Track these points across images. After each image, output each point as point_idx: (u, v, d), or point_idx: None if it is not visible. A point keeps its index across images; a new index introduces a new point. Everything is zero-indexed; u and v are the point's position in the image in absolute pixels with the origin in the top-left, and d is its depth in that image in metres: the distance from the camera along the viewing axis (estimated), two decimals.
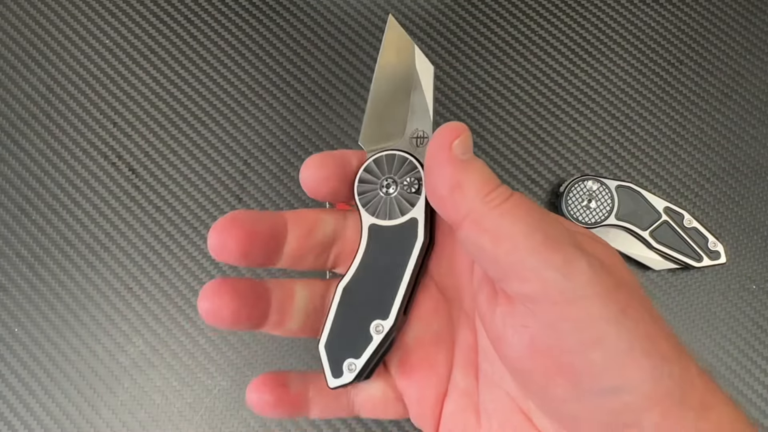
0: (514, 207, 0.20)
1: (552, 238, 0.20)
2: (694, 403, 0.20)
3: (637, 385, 0.19)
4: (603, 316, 0.19)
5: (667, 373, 0.19)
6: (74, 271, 0.43)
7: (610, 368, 0.19)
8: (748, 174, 0.45)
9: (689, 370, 0.20)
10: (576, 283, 0.19)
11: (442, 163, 0.21)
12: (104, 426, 0.41)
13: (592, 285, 0.19)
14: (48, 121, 0.46)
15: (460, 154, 0.21)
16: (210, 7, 0.48)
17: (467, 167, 0.21)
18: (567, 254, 0.20)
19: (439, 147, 0.21)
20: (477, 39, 0.47)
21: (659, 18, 0.48)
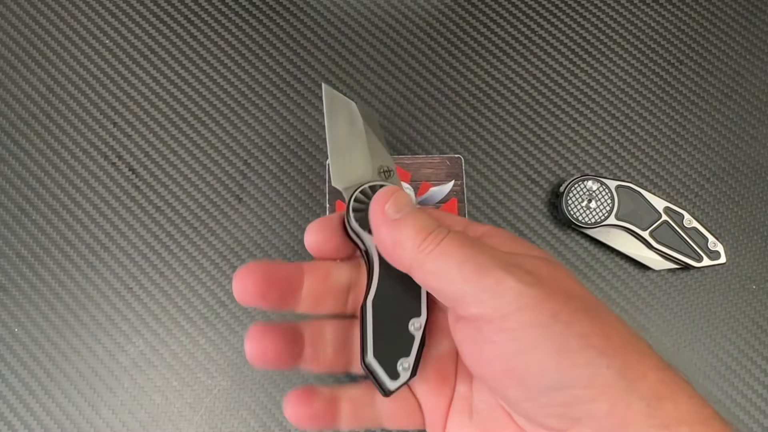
0: (445, 247, 0.24)
1: (481, 266, 0.23)
2: (645, 392, 0.21)
3: (575, 379, 0.22)
4: (534, 323, 0.22)
5: (605, 364, 0.21)
6: (74, 271, 0.43)
7: (547, 368, 0.22)
8: (748, 174, 0.45)
9: (635, 362, 0.22)
10: (506, 299, 0.22)
11: (379, 226, 0.25)
12: (104, 426, 0.41)
13: (522, 298, 0.22)
14: (48, 121, 0.46)
15: (393, 213, 0.25)
16: (210, 7, 0.48)
17: (400, 225, 0.25)
18: (497, 277, 0.23)
19: (375, 213, 0.26)
20: (477, 39, 0.47)
21: (659, 18, 0.48)
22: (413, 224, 0.25)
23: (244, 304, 0.27)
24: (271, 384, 0.41)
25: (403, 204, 0.25)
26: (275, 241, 0.44)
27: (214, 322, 0.42)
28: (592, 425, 0.22)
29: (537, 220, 0.44)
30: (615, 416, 0.21)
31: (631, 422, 0.21)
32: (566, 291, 0.24)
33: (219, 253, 0.43)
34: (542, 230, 0.44)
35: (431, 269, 0.24)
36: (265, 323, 0.27)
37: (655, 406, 0.21)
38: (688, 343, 0.42)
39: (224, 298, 0.43)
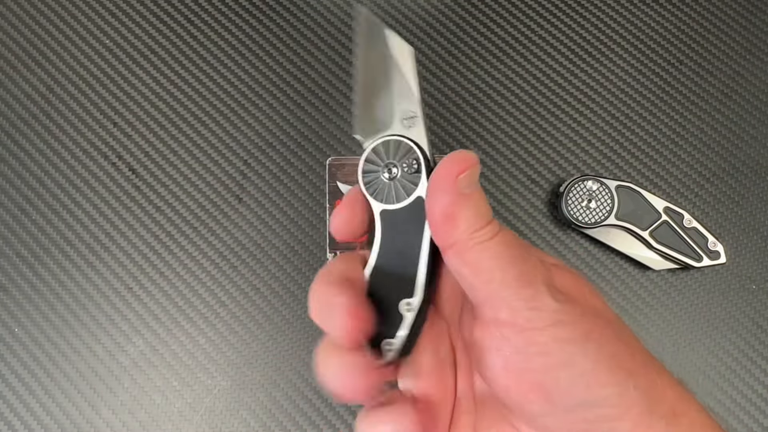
0: (497, 244, 0.22)
1: (525, 275, 0.22)
2: (665, 411, 0.22)
3: (603, 399, 0.21)
4: (567, 340, 0.22)
5: (632, 385, 0.21)
6: (74, 271, 0.43)
7: (576, 386, 0.22)
8: (748, 174, 0.45)
9: (657, 381, 0.22)
10: (542, 313, 0.22)
11: (442, 191, 0.23)
12: (104, 426, 0.41)
13: (557, 314, 0.22)
14: (48, 121, 0.46)
15: (464, 187, 0.23)
16: (210, 7, 0.48)
17: (465, 202, 0.23)
18: (536, 290, 0.22)
19: (444, 175, 0.23)
20: (477, 39, 0.47)
21: (659, 18, 0.48)
22: (477, 207, 0.23)
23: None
24: (271, 384, 0.41)
25: (475, 179, 0.23)
26: (275, 241, 0.44)
27: (214, 322, 0.42)
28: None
29: (537, 220, 0.44)
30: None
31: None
32: (594, 308, 0.23)
33: (219, 253, 0.43)
34: (542, 230, 0.44)
35: (472, 260, 0.22)
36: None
37: (674, 423, 0.22)
38: (688, 343, 0.42)
39: (224, 298, 0.43)
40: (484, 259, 0.22)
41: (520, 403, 0.23)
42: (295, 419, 0.41)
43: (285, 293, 0.43)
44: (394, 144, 0.26)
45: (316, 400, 0.41)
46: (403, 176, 0.25)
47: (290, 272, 0.43)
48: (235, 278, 0.43)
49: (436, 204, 0.23)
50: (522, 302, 0.22)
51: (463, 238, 0.22)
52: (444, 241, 0.23)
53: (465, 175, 0.23)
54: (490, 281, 0.22)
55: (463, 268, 0.23)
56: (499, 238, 0.23)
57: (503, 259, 0.22)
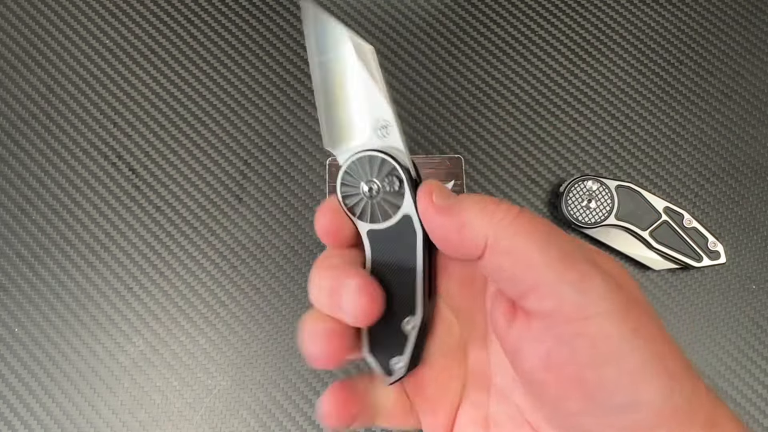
0: (525, 223, 0.21)
1: (567, 254, 0.21)
2: (702, 419, 0.20)
3: (648, 402, 0.20)
4: (617, 334, 0.20)
5: (678, 391, 0.20)
6: (74, 271, 0.43)
7: (622, 385, 0.20)
8: (748, 174, 0.45)
9: (698, 388, 0.21)
10: (591, 298, 0.20)
11: (435, 219, 0.22)
12: (104, 426, 0.41)
13: (606, 301, 0.20)
14: (48, 121, 0.46)
15: (444, 200, 0.22)
16: (210, 7, 0.48)
17: (459, 206, 0.22)
18: (582, 270, 0.20)
19: (424, 208, 0.22)
20: (477, 39, 0.47)
21: (659, 18, 0.48)
22: (474, 201, 0.22)
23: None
24: (271, 384, 0.41)
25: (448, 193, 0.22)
26: (275, 241, 0.44)
27: (214, 322, 0.42)
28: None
29: None
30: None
31: None
32: (640, 301, 0.22)
33: (219, 253, 0.43)
34: None
35: (507, 246, 0.21)
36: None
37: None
38: (688, 344, 0.42)
39: (224, 298, 0.43)
40: (518, 243, 0.21)
41: (557, 399, 0.22)
42: (295, 419, 0.41)
43: (285, 293, 0.43)
44: (372, 160, 0.24)
45: (316, 400, 0.41)
46: (386, 195, 0.24)
47: (290, 272, 0.43)
48: (235, 278, 0.43)
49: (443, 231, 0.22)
50: (569, 287, 0.20)
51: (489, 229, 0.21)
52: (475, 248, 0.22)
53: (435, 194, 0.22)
54: (531, 266, 0.20)
55: (501, 260, 0.21)
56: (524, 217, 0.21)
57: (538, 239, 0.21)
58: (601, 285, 0.20)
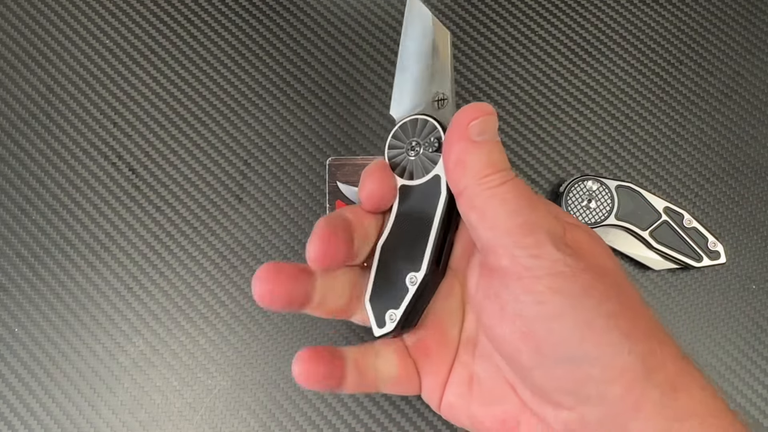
0: (505, 192, 0.22)
1: (529, 224, 0.22)
2: (662, 382, 0.21)
3: (595, 357, 0.21)
4: (565, 292, 0.21)
5: (627, 349, 0.21)
6: (74, 271, 0.43)
7: (568, 339, 0.21)
8: (748, 174, 0.45)
9: (657, 350, 0.22)
10: (542, 262, 0.22)
11: (454, 139, 0.23)
12: (104, 426, 0.41)
13: (557, 265, 0.22)
14: (48, 121, 0.46)
15: (475, 135, 0.23)
16: (210, 7, 0.48)
17: (475, 148, 0.23)
18: (538, 239, 0.22)
19: (457, 123, 0.23)
20: (477, 39, 0.47)
21: (659, 18, 0.48)
22: (487, 154, 0.23)
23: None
24: (271, 384, 0.41)
25: (488, 128, 0.23)
26: (275, 241, 0.44)
27: (214, 322, 0.42)
28: (601, 407, 0.21)
29: None
30: (627, 402, 0.21)
31: (642, 410, 0.21)
32: (602, 267, 0.23)
33: (219, 253, 0.43)
34: None
35: (480, 205, 0.23)
36: (277, 263, 0.25)
37: (670, 396, 0.21)
38: (688, 343, 0.42)
39: (224, 298, 0.43)
40: (491, 206, 0.22)
41: (511, 354, 0.24)
42: (295, 419, 0.41)
43: None
44: (420, 122, 0.26)
45: (316, 400, 0.41)
46: (425, 154, 0.26)
47: None
48: (235, 278, 0.43)
49: (449, 151, 0.24)
50: (523, 250, 0.22)
51: (472, 183, 0.23)
52: (455, 186, 0.24)
53: (476, 122, 0.23)
54: (493, 227, 0.22)
55: (470, 213, 0.23)
56: (509, 185, 0.23)
57: (510, 206, 0.22)
58: (554, 252, 0.22)
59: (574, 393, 0.22)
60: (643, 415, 0.21)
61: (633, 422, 0.21)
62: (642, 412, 0.21)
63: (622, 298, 0.22)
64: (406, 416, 0.41)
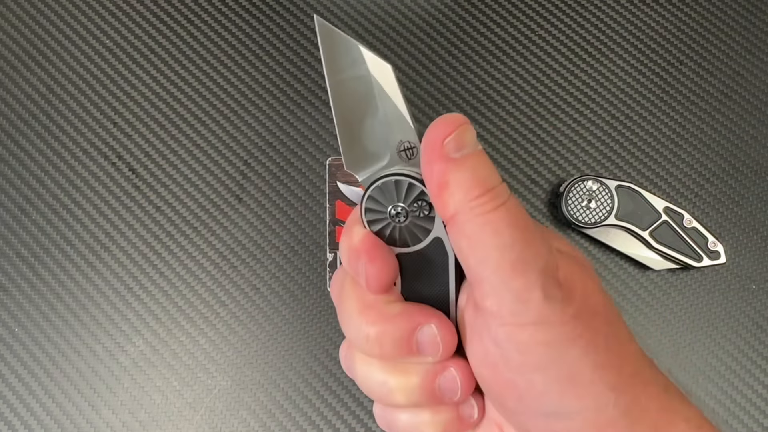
0: (499, 218, 0.20)
1: (522, 261, 0.20)
2: (645, 429, 0.20)
3: (577, 412, 0.20)
4: (549, 344, 0.20)
5: (612, 402, 0.20)
6: (74, 271, 0.43)
7: (549, 392, 0.20)
8: (748, 174, 0.45)
9: (641, 397, 0.20)
10: (528, 308, 0.20)
11: (431, 160, 0.21)
12: (104, 426, 0.41)
13: (543, 314, 0.20)
14: (48, 121, 0.46)
15: (452, 151, 0.20)
16: (210, 7, 0.48)
17: (456, 166, 0.20)
18: (529, 281, 0.20)
19: (430, 143, 0.21)
20: (477, 39, 0.47)
21: (659, 18, 0.48)
22: (473, 172, 0.20)
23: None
24: (271, 384, 0.41)
25: (466, 141, 0.21)
26: (275, 241, 0.44)
27: (214, 322, 0.42)
28: None
29: (537, 220, 0.44)
30: None
31: None
32: (592, 307, 0.21)
33: (219, 253, 0.43)
34: None
35: (471, 233, 0.20)
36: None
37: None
38: (688, 343, 0.42)
39: (224, 298, 0.43)
40: (484, 235, 0.20)
41: (497, 396, 0.22)
42: (295, 419, 0.41)
43: (285, 293, 0.43)
44: (399, 185, 0.23)
45: (315, 400, 0.41)
46: (414, 218, 0.23)
47: (290, 272, 0.43)
48: (235, 278, 0.43)
49: (430, 175, 0.21)
50: (510, 293, 0.20)
51: (462, 207, 0.20)
52: (444, 212, 0.21)
53: (451, 138, 0.20)
54: (484, 261, 0.20)
55: (461, 240, 0.20)
56: (502, 211, 0.20)
57: (503, 239, 0.20)
58: (541, 300, 0.20)
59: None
60: None
61: None
62: None
63: (610, 343, 0.21)
64: None
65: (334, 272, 0.28)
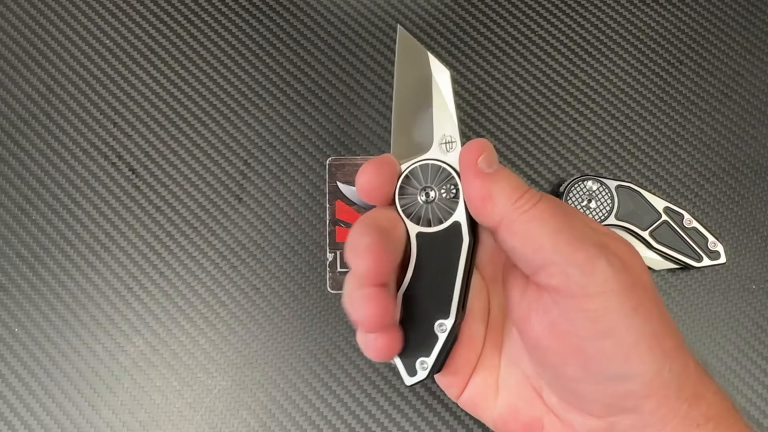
0: (541, 211, 0.23)
1: (576, 239, 0.22)
2: (688, 394, 0.22)
3: (639, 375, 0.22)
4: (616, 311, 0.22)
5: (668, 368, 0.22)
6: (74, 271, 0.43)
7: (616, 357, 0.22)
8: (748, 174, 0.45)
9: (687, 365, 0.23)
10: (595, 279, 0.22)
11: (471, 178, 0.24)
12: (104, 426, 0.41)
13: (609, 282, 0.22)
14: (48, 121, 0.46)
15: (486, 167, 0.24)
16: (210, 7, 0.48)
17: (494, 179, 0.24)
18: (589, 253, 0.22)
19: (467, 164, 0.24)
20: (477, 39, 0.47)
21: (659, 18, 0.48)
22: (508, 180, 0.24)
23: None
24: (271, 384, 0.41)
25: (494, 159, 0.24)
26: (275, 241, 0.44)
27: (214, 322, 0.42)
28: (632, 418, 0.22)
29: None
30: (657, 414, 0.22)
31: (670, 422, 0.22)
32: (644, 282, 0.23)
33: (219, 253, 0.43)
34: None
35: (521, 230, 0.23)
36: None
37: (694, 406, 0.22)
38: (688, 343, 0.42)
39: (224, 298, 0.43)
40: (531, 228, 0.23)
41: (556, 365, 0.24)
42: (295, 419, 0.41)
43: (285, 293, 0.43)
44: (433, 168, 0.26)
45: (315, 400, 0.41)
46: (441, 200, 0.26)
47: (290, 272, 0.43)
48: (235, 278, 0.43)
49: (471, 191, 0.24)
50: (575, 267, 0.22)
51: (507, 211, 0.23)
52: (491, 221, 0.24)
53: (483, 157, 0.24)
54: (540, 248, 0.22)
55: (513, 241, 0.23)
56: (542, 204, 0.23)
57: (551, 225, 0.23)
58: (606, 267, 0.22)
59: (614, 405, 0.23)
60: (670, 426, 0.22)
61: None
62: (669, 424, 0.22)
63: (663, 314, 0.23)
64: (406, 416, 0.41)
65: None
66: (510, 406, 0.27)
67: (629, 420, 0.23)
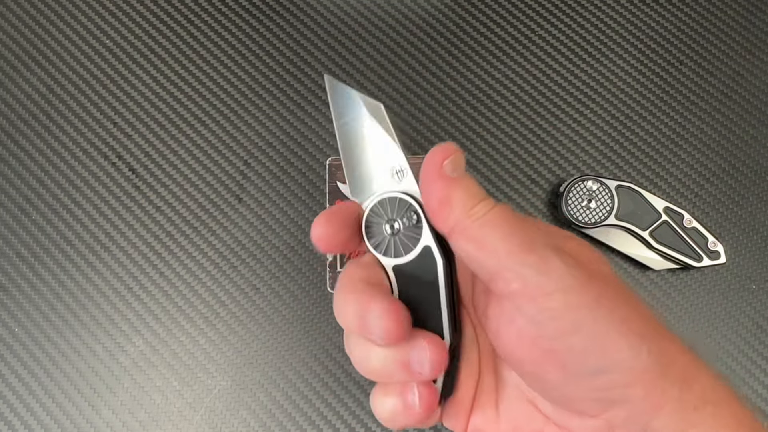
0: (494, 218, 0.23)
1: (528, 241, 0.22)
2: (676, 377, 0.22)
3: (618, 363, 0.22)
4: (578, 305, 0.22)
5: (645, 350, 0.22)
6: (74, 271, 0.43)
7: (590, 351, 0.22)
8: (748, 174, 0.45)
9: (668, 347, 0.23)
10: (551, 277, 0.22)
11: (433, 180, 0.24)
12: (104, 426, 0.41)
13: (565, 278, 0.22)
14: (48, 121, 0.46)
15: (450, 171, 0.24)
16: (210, 7, 0.48)
17: (455, 184, 0.24)
18: (541, 254, 0.22)
19: (431, 165, 0.24)
20: (477, 39, 0.47)
21: (659, 18, 0.48)
22: (467, 187, 0.24)
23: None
24: (271, 384, 0.41)
25: (460, 164, 0.24)
26: (275, 241, 0.44)
27: (214, 322, 0.42)
28: (626, 408, 0.22)
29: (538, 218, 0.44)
30: (648, 401, 0.22)
31: (663, 407, 0.22)
32: (604, 275, 0.23)
33: (219, 253, 0.43)
34: None
35: (475, 236, 0.23)
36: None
37: (686, 389, 0.22)
38: None
39: (224, 298, 0.43)
40: (485, 233, 0.23)
41: (536, 374, 0.24)
42: (295, 419, 0.41)
43: (285, 293, 0.43)
44: (390, 201, 0.26)
45: (316, 400, 0.41)
46: (406, 229, 0.26)
47: (290, 272, 0.43)
48: (235, 278, 0.43)
49: (431, 193, 0.24)
50: (530, 268, 0.22)
51: (462, 217, 0.23)
52: (445, 225, 0.24)
53: (449, 161, 0.24)
54: (495, 253, 0.23)
55: (467, 246, 0.23)
56: (495, 212, 0.23)
57: (503, 230, 0.23)
58: (560, 265, 0.22)
59: (602, 400, 0.23)
60: (664, 411, 0.22)
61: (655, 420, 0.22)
62: (663, 409, 0.22)
63: (630, 301, 0.23)
64: None
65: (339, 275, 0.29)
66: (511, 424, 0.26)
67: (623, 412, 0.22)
